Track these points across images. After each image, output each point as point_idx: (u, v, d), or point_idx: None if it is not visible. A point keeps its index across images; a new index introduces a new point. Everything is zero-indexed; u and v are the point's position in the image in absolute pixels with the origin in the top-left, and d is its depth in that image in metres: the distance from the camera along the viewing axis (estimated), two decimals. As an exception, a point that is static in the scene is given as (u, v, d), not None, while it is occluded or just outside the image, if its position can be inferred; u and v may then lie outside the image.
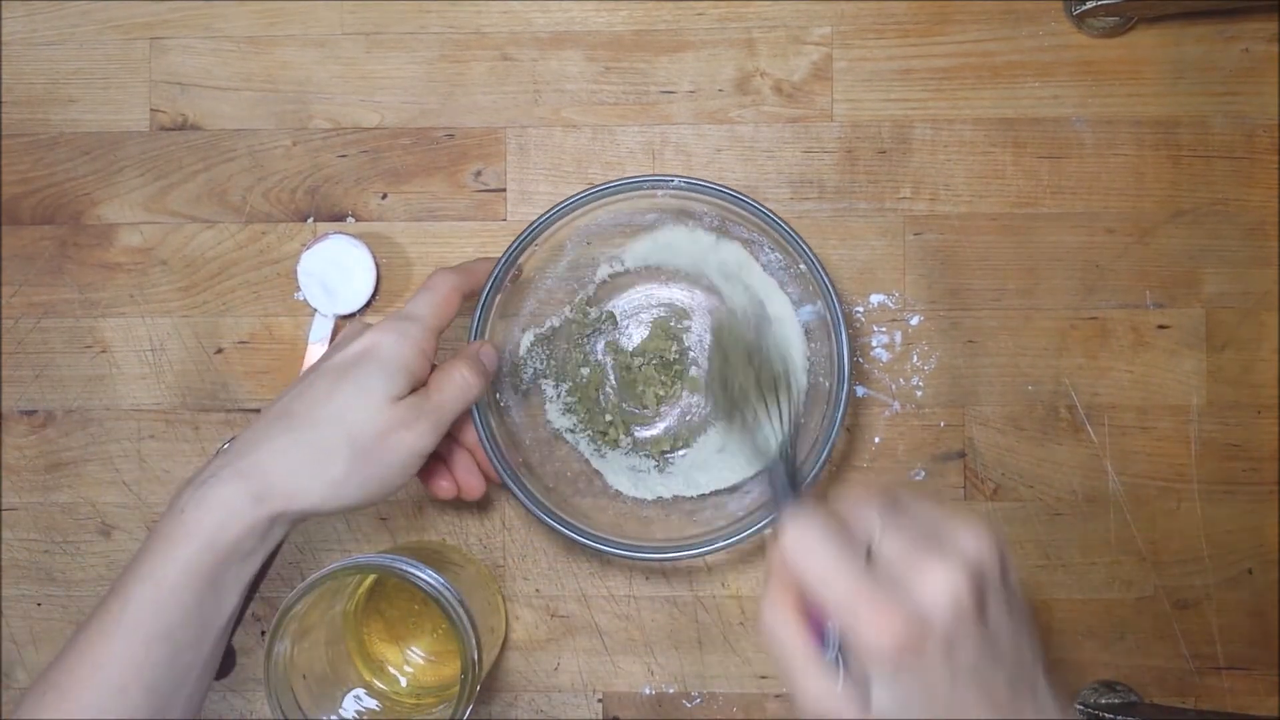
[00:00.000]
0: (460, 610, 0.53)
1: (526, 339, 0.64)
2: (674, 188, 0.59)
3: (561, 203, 0.59)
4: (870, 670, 0.38)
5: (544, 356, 0.65)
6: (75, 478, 0.67)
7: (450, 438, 0.59)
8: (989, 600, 0.39)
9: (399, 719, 0.58)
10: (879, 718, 0.38)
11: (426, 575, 0.54)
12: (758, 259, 0.63)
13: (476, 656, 0.53)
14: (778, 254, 0.62)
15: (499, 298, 0.60)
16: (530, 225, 0.59)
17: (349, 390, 0.52)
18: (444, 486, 0.59)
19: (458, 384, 0.54)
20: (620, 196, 0.60)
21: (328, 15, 0.67)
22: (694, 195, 0.60)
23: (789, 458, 0.49)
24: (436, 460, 0.58)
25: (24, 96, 0.68)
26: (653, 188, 0.59)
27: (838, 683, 0.39)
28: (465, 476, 0.59)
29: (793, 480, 0.48)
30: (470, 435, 0.59)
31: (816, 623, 0.40)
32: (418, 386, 0.54)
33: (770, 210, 0.58)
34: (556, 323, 0.65)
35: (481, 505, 0.66)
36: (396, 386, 0.52)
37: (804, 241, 0.58)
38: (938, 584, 0.37)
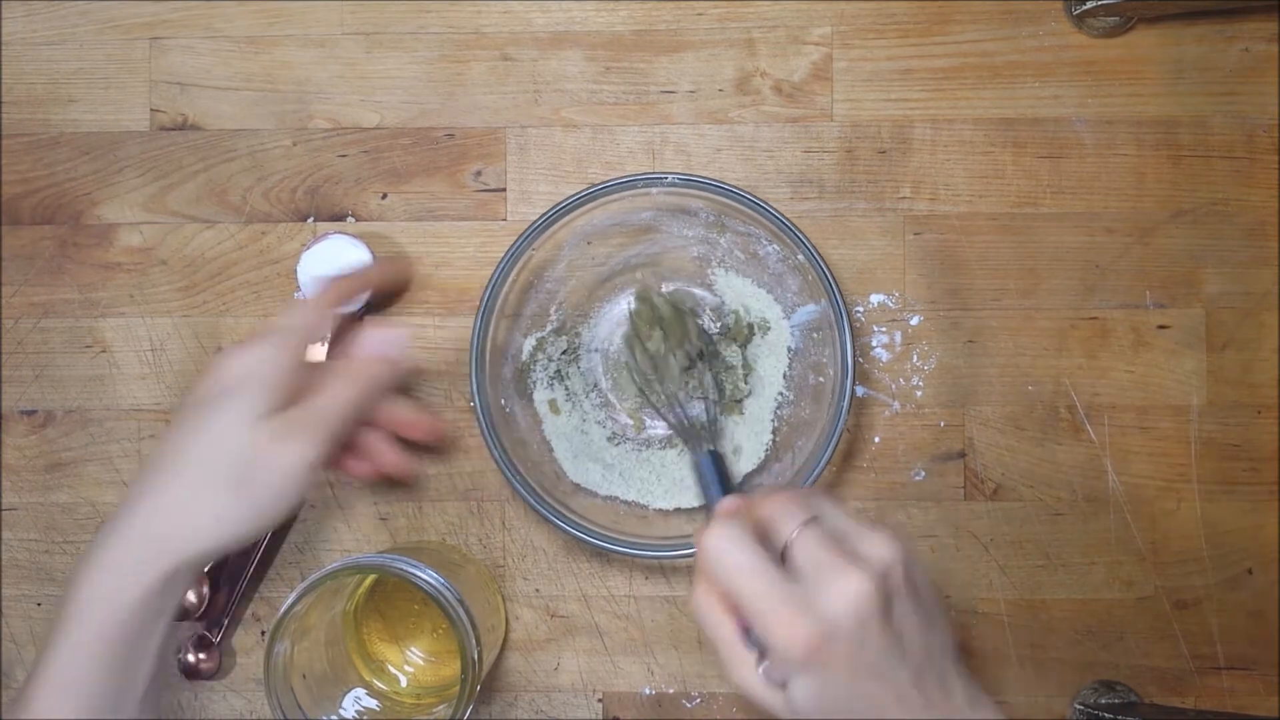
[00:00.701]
0: (460, 610, 0.53)
1: (529, 343, 0.64)
2: (669, 185, 0.59)
3: (557, 205, 0.59)
4: (788, 668, 0.42)
5: (546, 360, 0.65)
6: (75, 478, 0.67)
7: (361, 424, 0.56)
8: (894, 603, 0.42)
9: (399, 719, 0.58)
10: (796, 708, 0.42)
11: (426, 575, 0.54)
12: (756, 253, 0.63)
13: (476, 656, 0.53)
14: (776, 246, 0.62)
15: (498, 303, 0.60)
16: (525, 230, 0.59)
17: (212, 420, 0.50)
18: (355, 465, 0.57)
19: (337, 390, 0.52)
20: (618, 196, 0.60)
21: (328, 15, 0.67)
22: (690, 191, 0.60)
23: (714, 449, 0.51)
24: (345, 447, 0.56)
25: (24, 96, 0.68)
26: (647, 185, 0.59)
27: (757, 674, 0.43)
28: (384, 455, 0.57)
29: (721, 473, 0.50)
30: (386, 412, 0.57)
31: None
32: (294, 397, 0.51)
33: (768, 204, 0.58)
34: (557, 324, 0.65)
35: (481, 505, 0.66)
36: (262, 404, 0.50)
37: (802, 233, 0.58)
38: (845, 591, 0.41)
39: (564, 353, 0.65)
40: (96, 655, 0.47)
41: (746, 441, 0.64)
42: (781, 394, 0.64)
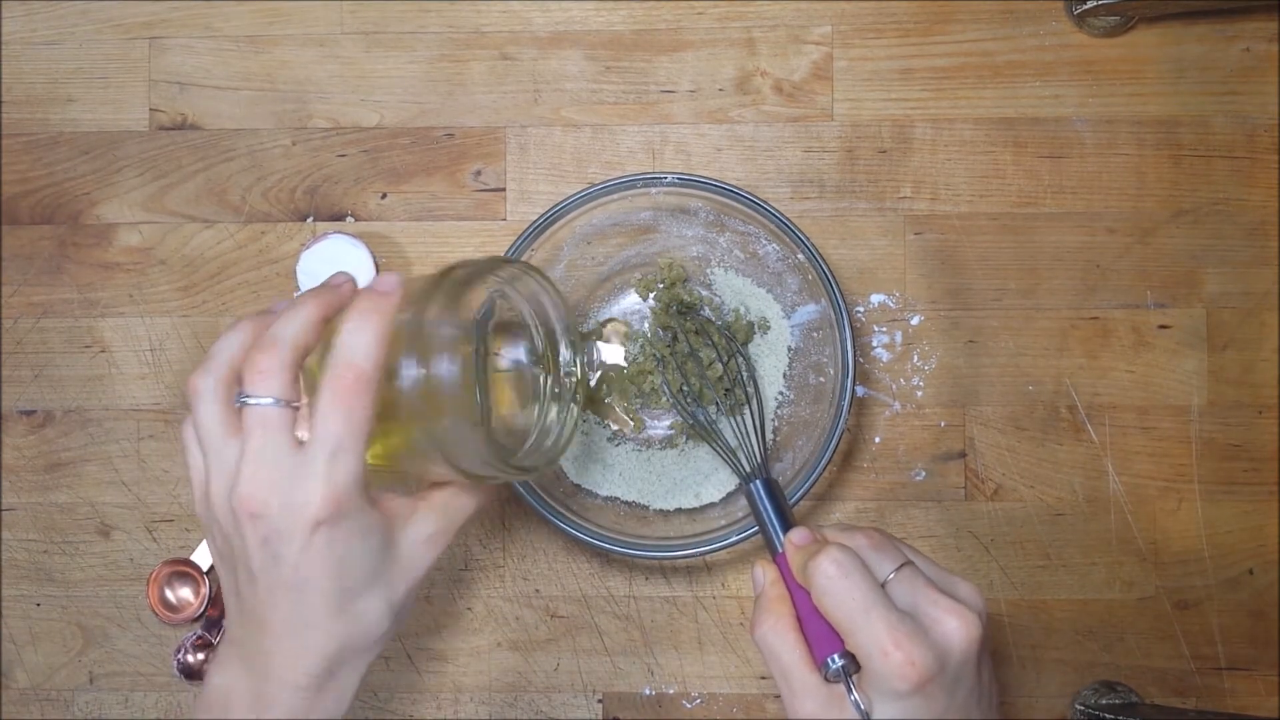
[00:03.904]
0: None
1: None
2: (668, 185, 0.59)
3: (557, 205, 0.59)
4: (886, 695, 0.43)
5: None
6: (74, 478, 0.67)
7: None
8: (984, 650, 0.45)
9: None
10: None
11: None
12: (756, 253, 0.63)
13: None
14: (775, 245, 0.62)
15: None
16: (524, 230, 0.59)
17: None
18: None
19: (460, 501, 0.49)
20: (617, 196, 0.59)
21: (327, 15, 0.67)
22: (690, 191, 0.60)
23: (766, 471, 0.51)
24: None
25: (23, 96, 0.67)
26: (647, 185, 0.59)
27: (842, 698, 0.44)
28: None
29: (774, 497, 0.50)
30: None
31: (810, 637, 0.46)
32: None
33: (767, 203, 0.58)
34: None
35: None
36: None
37: (802, 232, 0.58)
38: (960, 629, 0.43)
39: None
40: None
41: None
42: (782, 393, 0.64)
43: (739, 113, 0.66)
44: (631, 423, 0.65)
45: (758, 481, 0.51)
